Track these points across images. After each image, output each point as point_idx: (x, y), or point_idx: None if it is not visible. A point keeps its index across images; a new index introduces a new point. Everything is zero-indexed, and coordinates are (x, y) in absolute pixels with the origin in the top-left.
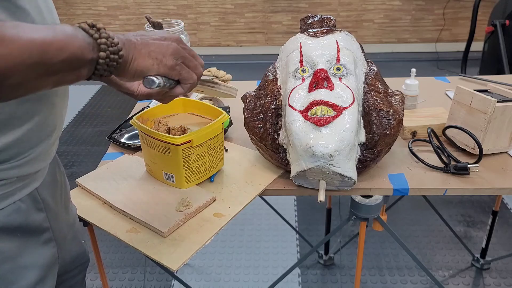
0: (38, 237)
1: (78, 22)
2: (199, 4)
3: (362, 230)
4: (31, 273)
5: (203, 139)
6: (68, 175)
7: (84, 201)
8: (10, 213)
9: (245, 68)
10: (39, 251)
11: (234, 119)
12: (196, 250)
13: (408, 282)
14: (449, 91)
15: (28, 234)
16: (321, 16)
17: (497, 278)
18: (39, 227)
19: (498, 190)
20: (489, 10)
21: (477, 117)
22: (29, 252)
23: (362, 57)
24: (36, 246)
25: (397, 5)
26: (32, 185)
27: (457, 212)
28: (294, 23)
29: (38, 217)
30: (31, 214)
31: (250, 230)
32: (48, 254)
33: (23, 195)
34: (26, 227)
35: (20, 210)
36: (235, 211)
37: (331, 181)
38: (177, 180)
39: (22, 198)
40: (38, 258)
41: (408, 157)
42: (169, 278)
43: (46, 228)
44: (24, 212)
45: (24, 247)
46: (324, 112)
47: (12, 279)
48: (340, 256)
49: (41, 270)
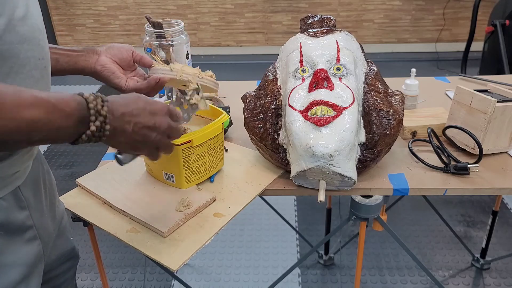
0: (21, 235)
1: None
2: (199, 4)
3: (362, 230)
4: (14, 271)
5: (203, 139)
6: (68, 175)
7: (84, 201)
8: None
9: (245, 68)
10: (23, 249)
11: (234, 119)
12: (196, 250)
13: (408, 282)
14: (449, 91)
15: (11, 232)
16: (321, 16)
17: (497, 278)
18: (22, 225)
19: (498, 190)
20: (489, 10)
21: (477, 117)
22: (12, 250)
23: (362, 57)
24: (19, 244)
25: (397, 5)
26: (14, 184)
27: (457, 212)
28: (294, 23)
29: (21, 215)
30: (13, 212)
31: (250, 230)
32: (32, 252)
33: (5, 194)
34: (8, 225)
35: (1, 208)
36: (235, 211)
37: (331, 181)
38: (177, 180)
39: (4, 197)
40: (21, 256)
41: (408, 157)
42: (169, 278)
43: (29, 226)
44: (5, 210)
45: (6, 245)
46: (324, 112)
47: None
48: (340, 256)
49: (24, 268)
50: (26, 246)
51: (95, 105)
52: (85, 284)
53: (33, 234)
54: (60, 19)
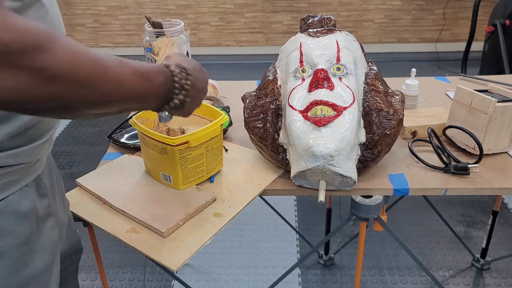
0: (45, 222)
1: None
2: (199, 4)
3: (362, 230)
4: (42, 256)
5: (200, 141)
6: (68, 175)
7: (84, 201)
8: (19, 198)
9: (245, 68)
10: (47, 236)
11: (234, 119)
12: (196, 250)
13: (408, 282)
14: (449, 91)
15: (38, 219)
16: (321, 16)
17: (497, 278)
18: (44, 213)
19: (498, 190)
20: (489, 10)
21: (478, 117)
22: (39, 236)
23: (362, 57)
24: (44, 231)
25: (397, 5)
26: (37, 171)
27: (457, 212)
28: (294, 23)
29: (43, 203)
30: (37, 199)
31: (250, 230)
32: (54, 240)
33: (29, 181)
34: (35, 212)
35: (28, 196)
36: (235, 211)
37: (331, 181)
38: (174, 181)
39: (28, 184)
40: (47, 243)
41: (408, 157)
42: (169, 278)
43: (50, 213)
44: (32, 197)
45: (36, 231)
46: (324, 112)
47: (26, 262)
48: (340, 256)
49: (49, 255)
50: (49, 233)
51: (179, 78)
52: (85, 284)
53: (54, 222)
54: None
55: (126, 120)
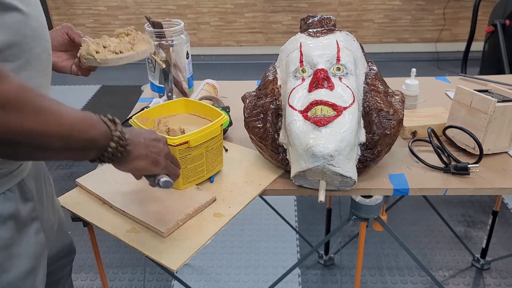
0: (28, 226)
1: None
2: (199, 4)
3: (362, 230)
4: (24, 261)
5: (200, 141)
6: (68, 175)
7: (84, 201)
8: (1, 202)
9: (245, 68)
10: (31, 241)
11: (234, 119)
12: (196, 250)
13: (408, 282)
14: (449, 91)
15: (20, 223)
16: (321, 16)
17: (498, 278)
18: (28, 217)
19: (498, 190)
20: (489, 10)
21: (478, 117)
22: (21, 241)
23: (362, 57)
24: (27, 235)
25: (397, 5)
26: (19, 176)
27: (457, 212)
28: (294, 23)
29: (27, 207)
30: (20, 203)
31: (250, 230)
32: (39, 244)
33: (12, 185)
34: (17, 217)
35: (10, 199)
36: (235, 211)
37: (331, 181)
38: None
39: (10, 188)
40: (30, 247)
41: (408, 157)
42: (169, 278)
43: (34, 218)
44: (14, 202)
45: (17, 236)
46: (324, 112)
47: (7, 267)
48: (340, 256)
49: (33, 260)
50: (33, 238)
51: (113, 124)
52: (85, 284)
53: (38, 226)
54: (60, 19)
55: (126, 120)
